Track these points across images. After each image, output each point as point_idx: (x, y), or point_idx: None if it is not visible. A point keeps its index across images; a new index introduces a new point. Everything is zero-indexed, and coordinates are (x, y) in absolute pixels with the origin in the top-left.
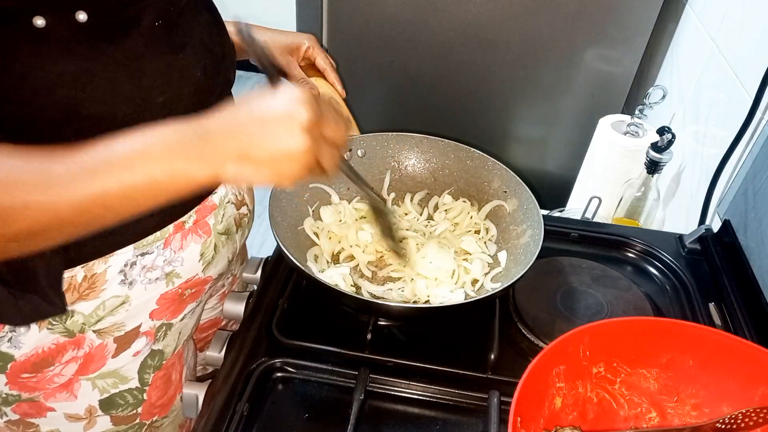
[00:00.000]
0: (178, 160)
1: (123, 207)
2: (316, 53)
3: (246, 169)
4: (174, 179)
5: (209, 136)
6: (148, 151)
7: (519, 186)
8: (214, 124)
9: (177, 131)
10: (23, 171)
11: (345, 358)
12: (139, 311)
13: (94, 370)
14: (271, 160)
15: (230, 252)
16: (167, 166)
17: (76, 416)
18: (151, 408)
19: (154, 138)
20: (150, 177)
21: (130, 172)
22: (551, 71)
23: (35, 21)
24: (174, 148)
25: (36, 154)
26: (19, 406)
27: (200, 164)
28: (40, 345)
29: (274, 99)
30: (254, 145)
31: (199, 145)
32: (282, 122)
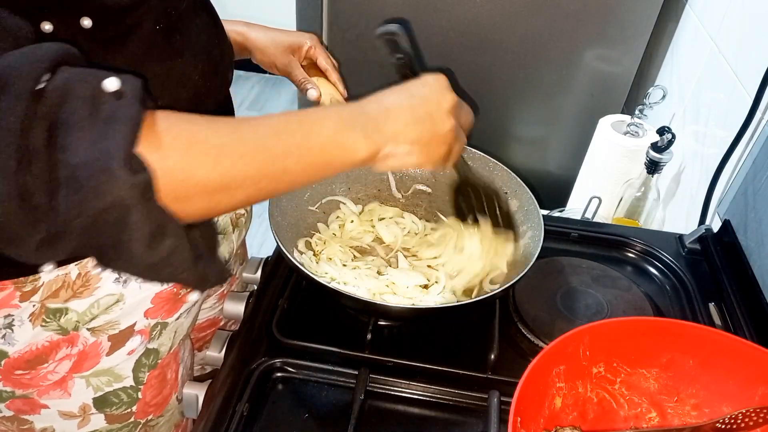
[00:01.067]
0: (347, 136)
1: (298, 174)
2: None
3: (400, 149)
4: (342, 153)
5: (371, 117)
6: (320, 126)
7: (520, 187)
8: (374, 106)
9: (343, 110)
10: (213, 129)
11: (345, 358)
12: (134, 309)
13: (88, 368)
14: (423, 141)
15: (227, 252)
16: (337, 141)
17: (69, 414)
18: (145, 407)
19: (324, 114)
20: (322, 149)
21: (307, 143)
22: (551, 71)
23: (43, 26)
24: (343, 124)
25: (220, 118)
26: (12, 403)
27: (364, 141)
28: (34, 342)
29: (423, 86)
30: (408, 128)
31: (363, 122)
32: (433, 105)
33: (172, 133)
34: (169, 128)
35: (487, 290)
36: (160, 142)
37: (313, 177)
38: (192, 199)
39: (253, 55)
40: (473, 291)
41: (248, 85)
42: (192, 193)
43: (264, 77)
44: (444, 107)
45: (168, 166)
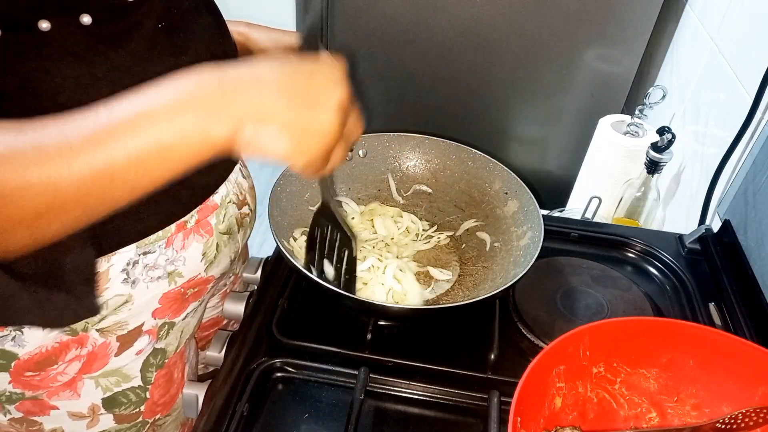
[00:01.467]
0: (188, 118)
1: (133, 178)
2: None
3: (266, 133)
4: (186, 140)
5: (229, 88)
6: (154, 110)
7: (520, 188)
8: (237, 74)
9: (190, 83)
10: (15, 145)
11: (345, 358)
12: (142, 310)
13: (97, 369)
14: (297, 128)
15: (232, 252)
16: (177, 125)
17: (79, 414)
18: (153, 406)
19: (161, 94)
20: (158, 139)
21: (134, 136)
22: (551, 71)
23: (40, 24)
24: (184, 104)
25: (29, 125)
26: (22, 404)
27: (215, 121)
28: (44, 344)
29: (312, 65)
30: (282, 105)
31: (215, 98)
32: (318, 92)
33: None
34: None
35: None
36: None
37: (157, 177)
38: (11, 232)
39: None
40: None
41: None
42: (8, 226)
43: None
44: (332, 99)
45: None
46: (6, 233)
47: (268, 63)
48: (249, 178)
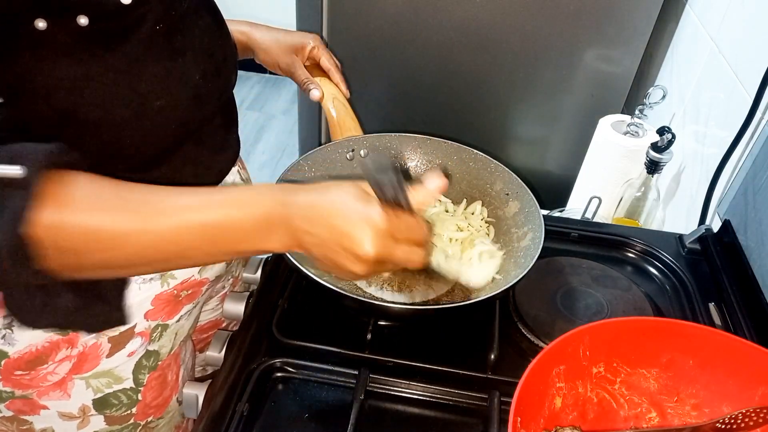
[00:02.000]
0: (262, 237)
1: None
2: (321, 53)
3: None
4: (255, 250)
5: (291, 221)
6: (237, 227)
7: (521, 188)
8: (296, 208)
9: (265, 210)
10: (119, 215)
11: (345, 358)
12: (134, 311)
13: (88, 370)
14: (327, 265)
15: None
16: (252, 242)
17: (69, 415)
18: (145, 408)
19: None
20: (235, 247)
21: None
22: (551, 71)
23: (37, 24)
24: (261, 227)
25: (137, 186)
26: (12, 403)
27: (279, 242)
28: (34, 343)
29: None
30: (320, 246)
31: (281, 225)
32: (345, 243)
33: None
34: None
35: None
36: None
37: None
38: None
39: (256, 55)
40: None
41: (248, 84)
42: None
43: (264, 77)
44: (357, 253)
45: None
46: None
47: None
48: (248, 180)
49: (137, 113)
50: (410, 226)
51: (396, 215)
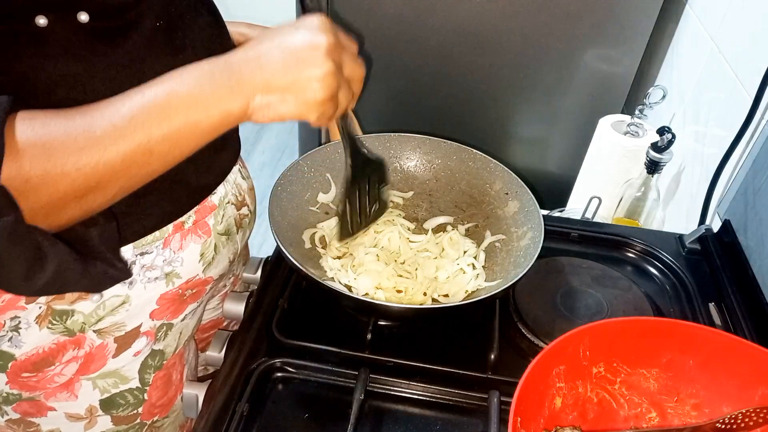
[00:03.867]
0: (211, 97)
1: (167, 151)
2: None
3: (273, 98)
4: (210, 117)
5: (235, 69)
6: (181, 95)
7: (521, 188)
8: (237, 57)
9: (203, 70)
10: (69, 133)
11: (345, 358)
12: (140, 311)
13: (95, 370)
14: (295, 85)
15: (231, 253)
16: (201, 105)
17: (76, 416)
18: (151, 408)
19: (183, 80)
20: (187, 118)
21: (167, 118)
22: (551, 71)
23: (37, 20)
24: (205, 86)
25: (76, 113)
26: (19, 405)
27: (232, 97)
28: (41, 344)
29: (296, 28)
30: (279, 73)
31: (227, 78)
32: (305, 48)
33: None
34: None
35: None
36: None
37: (186, 148)
38: (63, 209)
39: None
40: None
41: None
42: (62, 204)
43: None
44: (319, 49)
45: (29, 188)
46: (58, 209)
47: (261, 41)
48: (248, 179)
49: None
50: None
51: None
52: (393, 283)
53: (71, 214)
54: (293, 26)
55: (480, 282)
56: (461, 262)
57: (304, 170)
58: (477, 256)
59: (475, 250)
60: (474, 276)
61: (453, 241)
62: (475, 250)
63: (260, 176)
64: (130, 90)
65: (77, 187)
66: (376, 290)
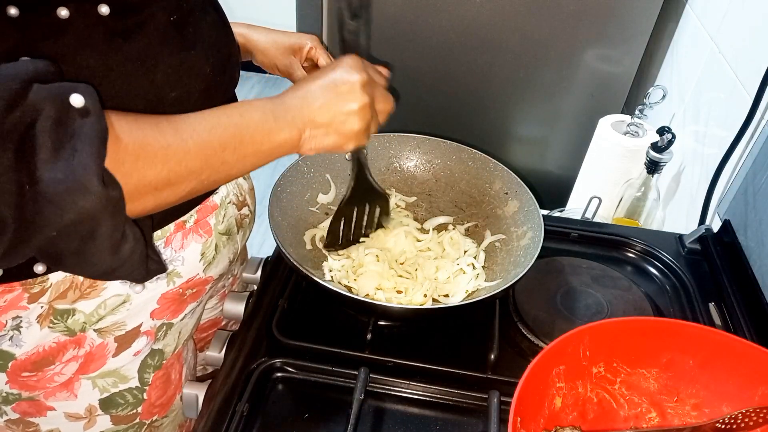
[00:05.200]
0: (271, 126)
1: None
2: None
3: (318, 132)
4: (270, 141)
5: (288, 106)
6: (248, 118)
7: (520, 188)
8: (290, 96)
9: (264, 103)
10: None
11: (345, 358)
12: (140, 310)
13: (95, 369)
14: (336, 119)
15: (231, 252)
16: (265, 131)
17: (76, 415)
18: (150, 407)
19: (249, 107)
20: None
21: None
22: (551, 71)
23: (59, 11)
24: (267, 115)
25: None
26: (19, 405)
27: (288, 130)
28: (41, 344)
29: (333, 69)
30: (322, 110)
31: (283, 113)
32: (342, 86)
33: (124, 140)
34: (121, 136)
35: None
36: (117, 151)
37: (248, 165)
38: (142, 198)
39: (254, 57)
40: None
41: (248, 85)
42: (143, 193)
43: (264, 77)
44: (354, 85)
45: (123, 171)
46: (138, 197)
47: (308, 82)
48: (249, 179)
49: (152, 105)
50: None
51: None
52: (393, 283)
53: (146, 205)
54: (332, 66)
55: (480, 282)
56: (461, 262)
57: (304, 171)
58: (477, 256)
59: (475, 249)
60: (474, 276)
61: (453, 240)
62: (475, 250)
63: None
64: (207, 110)
65: (161, 179)
66: (376, 291)
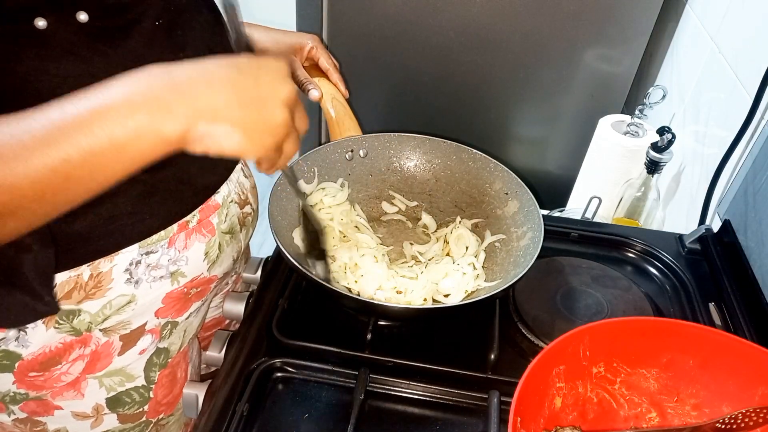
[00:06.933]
0: (141, 114)
1: (88, 175)
2: (320, 53)
3: (218, 130)
4: (139, 138)
5: (181, 86)
6: (106, 108)
7: (520, 188)
8: (189, 72)
9: (142, 81)
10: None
11: (345, 358)
12: (145, 310)
13: (101, 369)
14: (246, 123)
15: (235, 251)
16: (130, 122)
17: (83, 414)
18: (157, 406)
19: (112, 92)
20: (111, 137)
21: (87, 135)
22: (551, 71)
23: (37, 22)
24: (136, 100)
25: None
26: (26, 405)
27: (168, 118)
28: (48, 344)
29: (258, 66)
30: (232, 105)
31: (167, 95)
32: (266, 90)
33: None
34: None
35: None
36: None
37: (111, 176)
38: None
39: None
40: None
41: None
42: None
43: None
44: (279, 96)
45: None
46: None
47: (217, 61)
48: (251, 177)
49: None
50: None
51: None
52: (394, 284)
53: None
54: (256, 61)
55: (480, 282)
56: (461, 263)
57: (304, 170)
58: (477, 255)
59: (476, 248)
60: (474, 276)
61: (460, 237)
62: (476, 249)
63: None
64: (53, 102)
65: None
66: (376, 291)
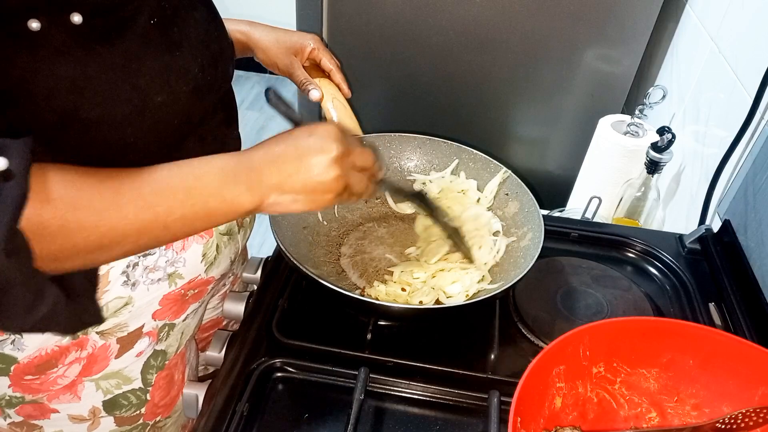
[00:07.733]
0: (230, 190)
1: (180, 229)
2: (321, 54)
3: (285, 199)
4: (226, 207)
5: (254, 169)
6: (204, 181)
7: (521, 189)
8: (258, 157)
9: (228, 165)
10: (98, 192)
11: (345, 358)
12: (142, 312)
13: (98, 371)
14: (306, 190)
15: (232, 252)
16: (221, 196)
17: (79, 417)
18: (154, 408)
19: (208, 168)
20: (205, 205)
21: (190, 201)
22: (551, 71)
23: (30, 24)
24: (227, 178)
25: (106, 174)
26: (22, 408)
27: (248, 193)
28: (44, 347)
29: (308, 136)
30: (292, 178)
31: (246, 176)
32: (315, 156)
33: (54, 202)
34: (53, 196)
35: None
36: (42, 215)
37: (196, 230)
38: (69, 259)
39: (255, 54)
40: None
41: (248, 84)
42: (68, 256)
43: (264, 77)
44: (328, 157)
45: (45, 234)
46: (64, 259)
47: (279, 142)
48: None
49: (138, 110)
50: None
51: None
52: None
53: (74, 264)
54: (308, 131)
55: (484, 284)
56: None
57: None
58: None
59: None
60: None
61: (478, 219)
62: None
63: None
64: (159, 165)
65: (90, 243)
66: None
